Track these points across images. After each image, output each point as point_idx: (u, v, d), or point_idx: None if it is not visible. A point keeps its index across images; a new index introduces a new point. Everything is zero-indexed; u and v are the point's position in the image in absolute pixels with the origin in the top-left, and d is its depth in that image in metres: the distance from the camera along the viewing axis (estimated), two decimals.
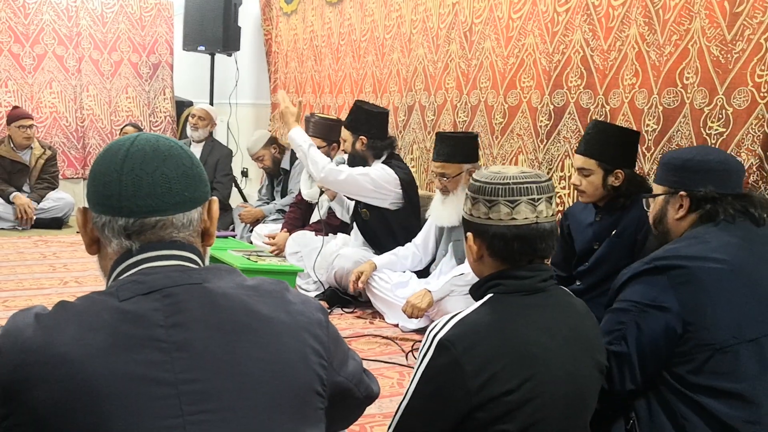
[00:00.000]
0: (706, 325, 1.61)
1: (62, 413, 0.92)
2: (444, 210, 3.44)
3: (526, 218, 1.49)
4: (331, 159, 4.42)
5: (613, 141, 2.68)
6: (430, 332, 1.45)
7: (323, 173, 3.70)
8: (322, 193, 4.06)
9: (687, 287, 1.64)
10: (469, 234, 1.56)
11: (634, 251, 2.64)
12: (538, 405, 1.41)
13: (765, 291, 1.66)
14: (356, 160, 3.86)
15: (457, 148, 3.37)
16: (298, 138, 3.78)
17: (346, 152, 3.93)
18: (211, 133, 5.68)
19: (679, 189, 1.85)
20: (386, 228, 3.85)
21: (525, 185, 1.49)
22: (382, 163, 3.84)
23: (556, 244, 1.56)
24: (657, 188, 1.95)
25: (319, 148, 4.32)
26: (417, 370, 1.46)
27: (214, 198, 1.15)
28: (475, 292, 1.56)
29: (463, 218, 1.60)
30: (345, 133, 3.91)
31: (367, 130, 3.86)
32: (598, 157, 2.67)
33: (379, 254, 3.80)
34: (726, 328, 1.61)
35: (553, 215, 1.53)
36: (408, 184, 3.81)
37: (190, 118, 5.66)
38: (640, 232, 2.60)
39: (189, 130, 5.63)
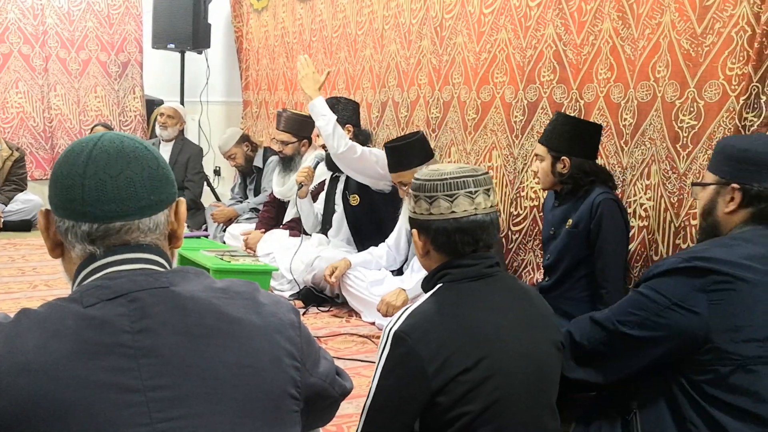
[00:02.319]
0: (732, 338, 1.53)
1: (26, 423, 0.89)
2: None
3: (465, 210, 1.55)
4: (301, 156, 4.42)
5: (561, 129, 2.78)
6: (385, 328, 1.50)
7: (344, 148, 3.56)
8: (301, 186, 4.00)
9: (722, 294, 1.55)
10: (414, 230, 1.62)
11: (590, 242, 2.71)
12: (497, 383, 1.45)
13: None
14: None
15: (406, 154, 3.35)
16: (324, 108, 3.59)
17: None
18: (181, 132, 5.61)
19: (732, 180, 1.71)
20: (373, 215, 3.86)
21: (462, 179, 1.56)
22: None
23: (497, 234, 1.62)
24: (708, 176, 1.80)
25: (288, 143, 4.34)
26: (377, 366, 1.50)
27: (182, 199, 1.12)
28: (426, 285, 1.62)
29: (409, 216, 1.66)
30: None
31: (350, 118, 3.89)
32: (547, 144, 2.80)
33: (359, 250, 3.80)
34: (753, 345, 1.53)
35: (492, 207, 1.59)
36: None
37: (158, 117, 5.59)
38: (592, 222, 2.67)
39: (158, 129, 5.56)
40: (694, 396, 1.56)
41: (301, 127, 4.49)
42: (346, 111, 3.91)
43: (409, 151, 3.37)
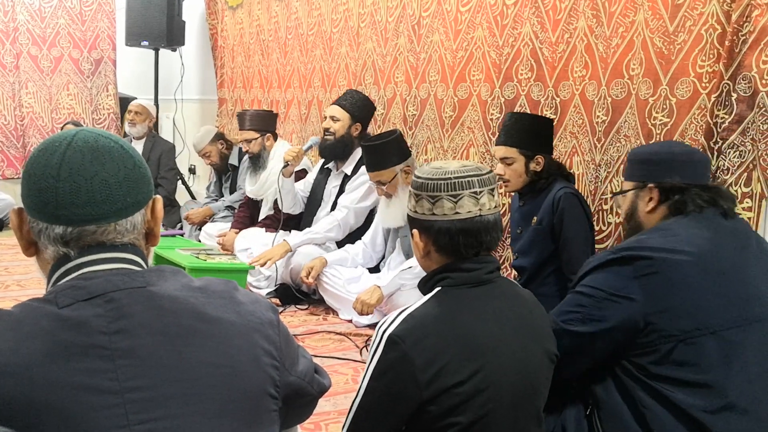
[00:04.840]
0: (669, 317, 1.61)
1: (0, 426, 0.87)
2: (389, 213, 3.47)
3: (469, 212, 1.50)
4: (267, 151, 4.39)
5: (530, 129, 2.83)
6: (379, 328, 1.46)
7: (342, 230, 3.79)
8: (287, 165, 3.96)
9: (652, 278, 1.64)
10: (415, 231, 1.57)
11: (554, 237, 2.76)
12: (489, 396, 1.42)
13: (728, 283, 1.66)
14: (343, 141, 3.86)
15: (384, 153, 3.38)
16: (302, 239, 3.77)
17: (333, 133, 3.86)
18: (150, 129, 5.56)
19: (648, 181, 1.86)
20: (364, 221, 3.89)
21: (467, 179, 1.51)
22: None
23: (500, 236, 1.59)
24: (626, 185, 1.95)
25: (252, 140, 4.39)
26: (368, 366, 1.46)
27: (158, 197, 1.10)
28: (423, 286, 1.57)
29: (408, 215, 1.60)
30: (341, 114, 3.86)
31: (364, 118, 3.91)
32: (519, 145, 2.81)
33: (338, 246, 3.83)
34: (690, 320, 1.61)
35: (496, 207, 1.55)
36: None
37: (126, 115, 5.55)
38: (554, 217, 2.73)
39: (127, 127, 5.51)
40: (641, 377, 1.63)
41: (263, 122, 4.48)
42: (363, 110, 3.91)
43: (386, 150, 3.39)
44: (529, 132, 2.81)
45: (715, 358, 1.60)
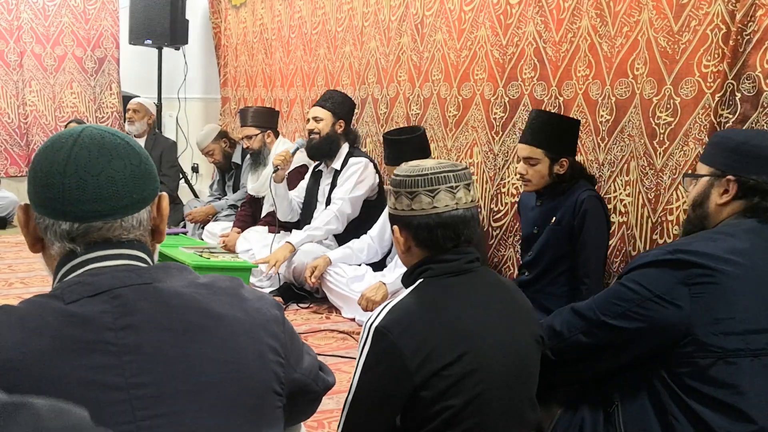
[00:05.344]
0: (713, 331, 1.53)
1: None
2: None
3: (446, 205, 1.56)
4: (267, 147, 4.44)
5: (557, 130, 2.78)
6: (366, 323, 1.50)
7: (341, 221, 3.82)
8: (277, 169, 3.99)
9: (703, 288, 1.55)
10: (395, 227, 1.62)
11: (572, 238, 2.74)
12: (479, 377, 1.45)
13: None
14: (329, 139, 3.93)
15: (405, 149, 3.39)
16: (302, 237, 3.80)
17: (318, 132, 3.93)
18: (150, 126, 5.57)
19: (728, 172, 1.69)
20: (356, 220, 3.90)
21: (442, 174, 1.57)
22: (353, 151, 3.95)
23: (478, 229, 1.61)
24: (702, 167, 1.78)
25: (253, 136, 4.49)
26: (358, 361, 1.50)
27: (164, 194, 1.10)
28: (406, 280, 1.62)
29: (389, 213, 1.65)
30: (324, 113, 3.94)
31: (346, 115, 3.98)
32: (545, 147, 2.76)
33: (339, 245, 3.83)
34: (734, 338, 1.53)
35: (472, 201, 1.60)
36: (377, 168, 3.99)
37: (126, 114, 5.57)
38: (575, 219, 2.71)
39: (126, 126, 5.53)
40: (675, 388, 1.56)
41: (264, 118, 4.54)
42: (343, 107, 3.99)
43: (408, 146, 3.42)
44: (556, 133, 2.77)
45: (751, 382, 1.52)
